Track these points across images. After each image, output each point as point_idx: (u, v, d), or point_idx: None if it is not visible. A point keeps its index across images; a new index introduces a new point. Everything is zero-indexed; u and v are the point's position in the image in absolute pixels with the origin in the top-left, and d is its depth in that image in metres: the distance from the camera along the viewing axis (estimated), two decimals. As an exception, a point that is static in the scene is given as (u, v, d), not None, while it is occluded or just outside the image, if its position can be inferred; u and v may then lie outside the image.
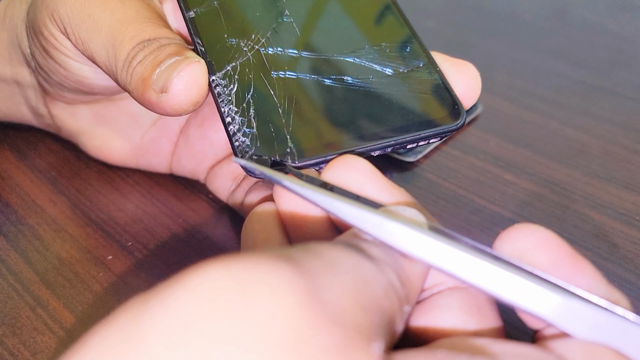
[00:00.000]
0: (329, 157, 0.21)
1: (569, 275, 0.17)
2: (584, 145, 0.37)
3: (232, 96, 0.23)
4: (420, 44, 0.26)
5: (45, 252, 0.28)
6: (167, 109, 0.22)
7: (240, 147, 0.21)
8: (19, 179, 0.32)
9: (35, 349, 0.23)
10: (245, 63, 0.24)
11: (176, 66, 0.22)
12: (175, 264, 0.27)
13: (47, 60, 0.28)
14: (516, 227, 0.18)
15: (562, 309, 0.16)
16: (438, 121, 0.23)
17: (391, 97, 0.24)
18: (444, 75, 0.24)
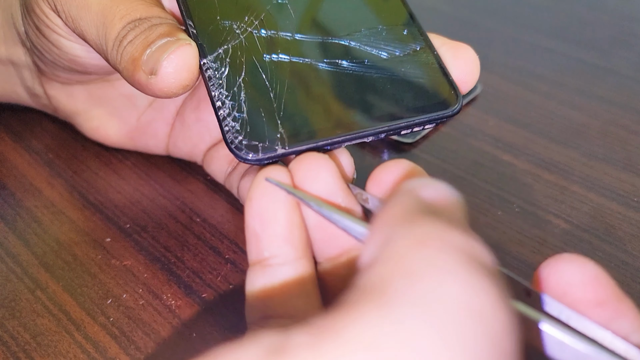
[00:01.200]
0: (320, 143, 0.21)
1: (612, 315, 0.17)
2: (583, 125, 0.37)
3: (223, 80, 0.22)
4: (418, 27, 0.25)
5: (43, 235, 0.28)
6: (157, 91, 0.22)
7: (229, 132, 0.21)
8: (16, 161, 0.32)
9: (35, 332, 0.23)
10: (237, 46, 0.23)
11: (167, 48, 0.22)
12: (173, 246, 0.27)
13: (40, 38, 0.27)
14: (565, 258, 0.17)
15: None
16: (434, 107, 0.23)
17: (386, 81, 0.23)
18: (441, 59, 0.24)
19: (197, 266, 0.26)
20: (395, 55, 0.24)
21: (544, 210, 0.30)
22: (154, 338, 0.23)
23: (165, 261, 0.27)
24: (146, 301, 0.25)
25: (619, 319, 0.17)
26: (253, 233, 0.20)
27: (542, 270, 0.18)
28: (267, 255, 0.20)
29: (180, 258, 0.27)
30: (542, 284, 0.18)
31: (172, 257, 0.27)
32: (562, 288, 0.17)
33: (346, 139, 0.22)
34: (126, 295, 0.25)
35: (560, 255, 0.18)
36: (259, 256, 0.20)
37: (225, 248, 0.27)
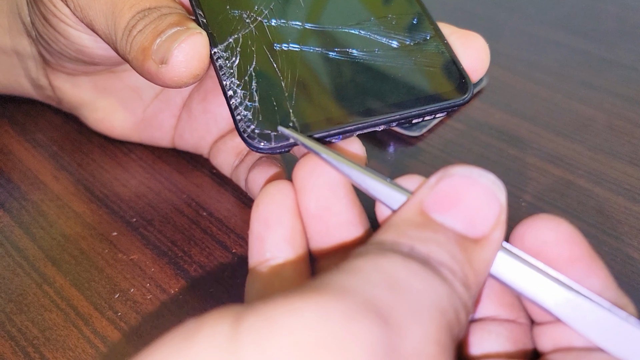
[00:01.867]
0: (333, 132, 0.21)
1: (584, 273, 0.17)
2: (589, 119, 0.36)
3: (234, 69, 0.22)
4: (428, 16, 0.25)
5: (49, 229, 0.28)
6: (167, 80, 0.22)
7: (242, 120, 0.21)
8: (21, 155, 0.32)
9: (43, 326, 0.23)
10: (247, 35, 0.23)
11: (177, 37, 0.22)
12: (180, 241, 0.27)
13: (47, 28, 0.27)
14: (541, 218, 0.18)
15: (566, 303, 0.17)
16: (444, 95, 0.23)
17: (397, 70, 0.23)
18: (451, 47, 0.24)
19: (204, 260, 0.26)
20: (406, 44, 0.24)
21: (550, 205, 0.30)
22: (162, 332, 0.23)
23: (173, 255, 0.27)
24: (154, 295, 0.25)
25: (591, 277, 0.17)
26: (257, 236, 0.20)
27: (517, 230, 0.18)
28: (269, 257, 0.20)
29: (187, 252, 0.27)
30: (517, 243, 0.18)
31: (179, 252, 0.27)
32: (537, 246, 0.17)
33: (358, 127, 0.22)
34: (134, 290, 0.25)
35: (536, 216, 0.18)
36: (261, 257, 0.20)
37: (232, 242, 0.27)
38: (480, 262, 0.17)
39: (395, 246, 0.16)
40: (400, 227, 0.17)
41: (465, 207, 0.17)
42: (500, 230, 0.17)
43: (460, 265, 0.16)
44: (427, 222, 0.17)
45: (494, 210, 0.17)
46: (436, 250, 0.16)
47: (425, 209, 0.17)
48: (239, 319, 0.13)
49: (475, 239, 0.17)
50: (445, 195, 0.17)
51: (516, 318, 0.19)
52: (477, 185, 0.17)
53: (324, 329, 0.13)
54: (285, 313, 0.13)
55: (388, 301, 0.14)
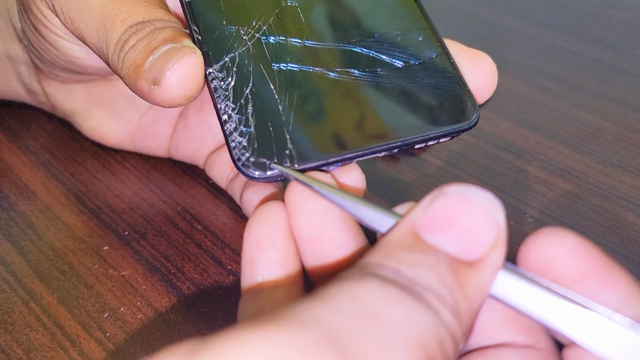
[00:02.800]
0: (331, 160, 0.20)
1: (602, 287, 0.16)
2: (598, 130, 0.35)
3: (230, 91, 0.21)
4: (434, 32, 0.24)
5: (38, 242, 0.27)
6: (159, 101, 0.21)
7: (236, 148, 0.20)
8: (11, 162, 0.31)
9: (28, 347, 0.23)
10: (244, 53, 0.22)
11: (170, 56, 0.21)
12: (173, 256, 0.26)
13: (38, 38, 0.26)
14: (545, 233, 0.16)
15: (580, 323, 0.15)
16: (449, 120, 0.21)
17: (400, 92, 0.22)
18: (457, 67, 0.23)
19: (198, 278, 0.25)
20: (410, 63, 0.23)
21: (558, 221, 0.29)
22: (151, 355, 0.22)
23: (165, 272, 0.26)
24: (144, 315, 0.24)
25: (608, 291, 0.16)
26: (249, 259, 0.19)
27: (523, 248, 0.17)
28: (261, 280, 0.19)
29: (180, 268, 0.26)
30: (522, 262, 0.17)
31: (172, 268, 0.26)
32: (541, 265, 0.16)
33: (357, 155, 0.21)
34: (124, 309, 0.24)
35: (538, 231, 0.17)
36: (253, 280, 0.19)
37: (227, 258, 0.26)
38: (474, 287, 0.16)
39: (378, 269, 0.15)
40: (388, 248, 0.16)
41: (460, 227, 0.16)
42: (498, 253, 0.16)
43: (450, 291, 0.15)
44: (418, 243, 0.16)
45: (490, 232, 0.16)
46: (424, 274, 0.15)
47: (417, 230, 0.16)
48: (191, 355, 0.13)
49: (469, 262, 0.16)
50: (438, 216, 0.16)
51: (535, 343, 0.18)
52: (472, 205, 0.16)
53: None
54: (235, 348, 0.13)
55: (353, 333, 0.13)
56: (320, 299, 0.14)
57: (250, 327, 0.13)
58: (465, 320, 0.15)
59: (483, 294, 0.16)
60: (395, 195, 0.31)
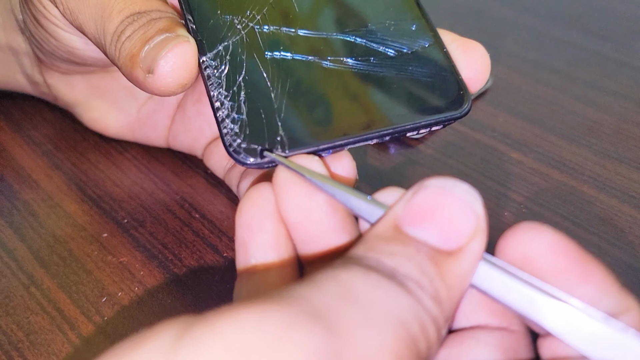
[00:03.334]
0: (322, 147, 0.20)
1: (578, 281, 0.16)
2: (595, 122, 0.35)
3: (223, 79, 0.21)
4: (428, 22, 0.24)
5: (39, 229, 0.27)
6: (154, 90, 0.22)
7: (228, 134, 0.20)
8: (14, 152, 0.32)
9: (29, 330, 0.23)
10: (238, 42, 0.22)
11: (164, 45, 0.21)
12: (171, 243, 0.27)
13: (38, 29, 0.27)
14: (523, 228, 0.17)
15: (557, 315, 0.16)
16: (441, 108, 0.22)
17: (392, 81, 0.22)
18: (450, 57, 0.23)
19: (194, 264, 0.26)
20: (403, 52, 0.23)
21: (552, 212, 0.30)
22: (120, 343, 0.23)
23: (163, 258, 0.26)
24: (142, 300, 0.24)
25: (585, 286, 0.16)
26: (242, 242, 0.20)
27: (502, 242, 0.17)
28: (254, 263, 0.19)
29: (177, 255, 0.26)
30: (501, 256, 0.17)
31: (169, 255, 0.26)
32: (520, 259, 0.17)
33: (349, 142, 0.21)
34: (121, 294, 0.25)
35: (516, 226, 0.17)
36: (247, 263, 0.20)
37: (223, 246, 0.27)
38: (454, 275, 0.16)
39: (361, 260, 0.16)
40: (371, 241, 0.17)
41: (439, 219, 0.16)
42: (478, 242, 0.17)
43: (430, 279, 0.16)
44: (399, 235, 0.16)
45: (469, 221, 0.16)
46: (403, 263, 0.16)
47: (399, 223, 0.17)
48: (185, 328, 0.13)
49: (449, 252, 0.16)
50: (418, 208, 0.17)
51: (508, 325, 0.18)
52: (451, 196, 0.17)
53: (260, 336, 0.13)
54: (225, 321, 0.13)
55: (337, 310, 0.14)
56: (306, 282, 0.15)
57: (241, 305, 0.14)
58: (446, 307, 0.16)
59: (464, 282, 0.16)
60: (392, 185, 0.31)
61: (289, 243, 0.20)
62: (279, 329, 0.13)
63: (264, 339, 0.13)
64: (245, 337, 0.13)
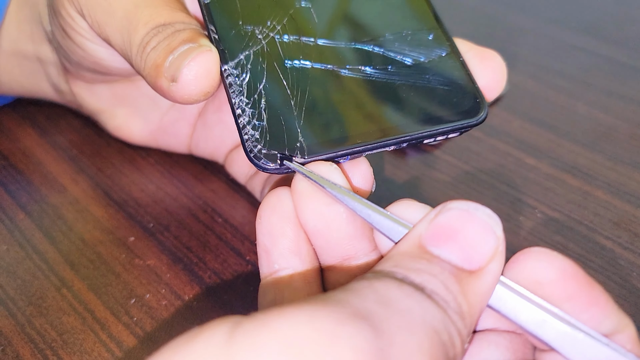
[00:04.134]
0: (340, 153, 0.21)
1: (585, 306, 0.17)
2: (610, 128, 0.36)
3: (244, 87, 0.22)
4: (445, 32, 0.25)
5: (68, 233, 0.28)
6: (178, 98, 0.22)
7: (249, 140, 0.21)
8: (41, 157, 0.33)
9: (61, 329, 0.24)
10: (259, 51, 0.23)
11: (187, 54, 0.22)
12: (195, 247, 0.28)
13: (66, 39, 0.28)
14: (534, 254, 0.18)
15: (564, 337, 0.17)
16: (458, 115, 0.22)
17: (410, 89, 0.23)
18: (467, 65, 0.24)
19: (218, 267, 0.27)
20: (420, 61, 0.24)
21: (567, 217, 0.30)
22: (176, 339, 0.24)
23: (188, 262, 0.27)
24: (169, 301, 0.25)
25: (591, 310, 0.17)
26: (264, 248, 0.20)
27: (511, 265, 0.18)
28: (277, 268, 0.20)
29: (202, 259, 0.27)
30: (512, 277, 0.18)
31: (194, 258, 0.27)
32: (531, 285, 0.18)
33: (366, 148, 0.21)
34: (149, 296, 0.25)
35: (527, 251, 0.18)
36: (270, 269, 0.20)
37: (246, 250, 0.28)
38: (475, 294, 0.17)
39: (390, 274, 0.17)
40: (397, 258, 0.17)
41: (462, 239, 0.17)
42: (497, 263, 0.17)
43: (454, 296, 0.16)
44: (423, 254, 0.17)
45: (490, 243, 0.17)
46: (429, 279, 0.16)
47: (423, 242, 0.18)
48: (236, 324, 0.14)
49: (471, 271, 0.17)
50: (442, 229, 0.18)
51: (516, 329, 0.19)
52: (473, 219, 0.18)
53: (312, 331, 0.14)
54: (277, 318, 0.14)
55: (380, 314, 0.15)
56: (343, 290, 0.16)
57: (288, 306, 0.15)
58: (468, 323, 0.17)
59: (483, 300, 0.17)
60: (409, 190, 0.32)
61: (310, 247, 0.21)
62: (330, 326, 0.14)
63: (316, 333, 0.14)
64: (298, 331, 0.14)
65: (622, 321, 0.17)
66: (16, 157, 0.32)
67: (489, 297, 0.17)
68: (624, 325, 0.17)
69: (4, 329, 0.24)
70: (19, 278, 0.26)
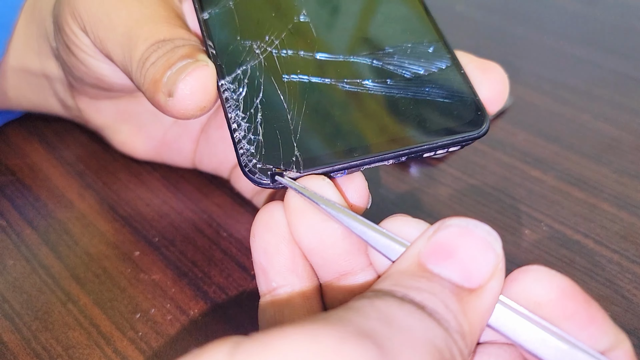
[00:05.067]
0: (337, 167, 0.21)
1: (584, 324, 0.17)
2: (615, 140, 0.36)
3: (240, 101, 0.22)
4: (445, 44, 0.24)
5: (74, 247, 0.28)
6: (175, 113, 0.22)
7: (244, 154, 0.21)
8: (49, 172, 0.33)
9: (67, 344, 0.24)
10: (256, 66, 0.23)
11: (184, 70, 0.22)
12: (200, 261, 0.28)
13: (69, 56, 0.28)
14: (533, 272, 0.18)
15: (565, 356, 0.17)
16: (459, 128, 0.22)
17: (409, 102, 0.23)
18: (468, 78, 0.23)
19: (223, 282, 0.27)
20: (420, 74, 0.24)
21: (573, 230, 0.30)
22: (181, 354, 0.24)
23: (193, 276, 0.27)
24: (174, 316, 0.25)
25: (589, 327, 0.17)
26: (260, 267, 0.20)
27: (510, 284, 0.18)
28: (275, 286, 0.20)
29: (207, 273, 0.27)
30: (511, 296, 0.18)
31: (199, 272, 0.27)
32: (531, 305, 0.17)
33: (364, 162, 0.21)
34: (154, 310, 0.25)
35: (526, 269, 0.18)
36: (268, 287, 0.20)
37: (251, 264, 0.28)
38: (475, 312, 0.17)
39: (390, 293, 0.16)
40: (396, 277, 0.17)
41: (461, 257, 0.17)
42: (497, 281, 0.17)
43: (454, 315, 0.16)
44: (423, 272, 0.17)
45: (490, 261, 0.17)
46: (429, 298, 0.16)
47: (422, 260, 0.17)
48: (237, 345, 0.14)
49: (471, 289, 0.17)
50: (441, 246, 0.17)
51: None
52: (473, 236, 0.17)
53: (317, 349, 0.14)
54: (279, 337, 0.14)
55: (383, 332, 0.15)
56: (345, 309, 0.16)
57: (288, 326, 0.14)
58: (469, 341, 0.17)
59: (484, 319, 0.17)
60: (413, 203, 0.32)
61: (307, 264, 0.21)
62: (334, 344, 0.14)
63: (320, 353, 0.13)
64: (300, 351, 0.13)
65: (618, 337, 0.17)
66: (24, 173, 0.33)
67: (490, 315, 0.17)
68: (620, 341, 0.17)
69: (10, 343, 0.24)
70: (25, 293, 0.26)
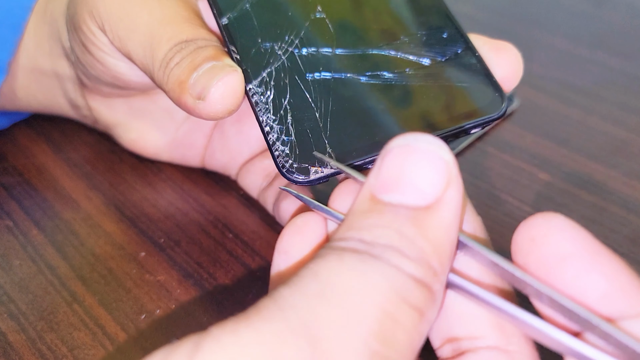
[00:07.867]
0: (369, 159, 0.21)
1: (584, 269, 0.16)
2: (624, 142, 0.35)
3: (269, 104, 0.23)
4: (459, 29, 0.25)
5: (80, 248, 0.28)
6: (203, 115, 0.23)
7: (280, 156, 0.22)
8: (55, 173, 0.33)
9: (72, 345, 0.24)
10: (280, 67, 0.24)
11: (214, 74, 0.22)
12: (205, 262, 0.28)
13: (86, 55, 0.28)
14: (535, 216, 0.17)
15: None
16: (479, 111, 0.22)
17: (430, 89, 0.23)
18: (483, 60, 0.24)
19: (228, 283, 0.27)
20: (437, 60, 0.24)
21: (582, 232, 0.30)
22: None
23: (198, 277, 0.27)
24: (179, 317, 0.25)
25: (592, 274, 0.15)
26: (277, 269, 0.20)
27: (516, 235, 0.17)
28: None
29: (212, 274, 0.27)
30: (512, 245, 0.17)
31: (204, 273, 0.27)
32: (526, 245, 0.16)
33: None
34: (159, 311, 0.25)
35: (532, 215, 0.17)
36: None
37: (256, 265, 0.28)
38: (437, 228, 0.16)
39: (340, 243, 0.16)
40: (349, 219, 0.17)
41: (409, 177, 0.16)
42: (454, 189, 0.16)
43: (411, 241, 0.15)
44: (375, 206, 0.16)
45: (440, 171, 0.16)
46: (381, 234, 0.16)
47: (373, 192, 0.17)
48: (196, 347, 0.14)
49: (427, 207, 0.16)
50: (388, 173, 0.17)
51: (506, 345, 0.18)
52: (415, 152, 0.16)
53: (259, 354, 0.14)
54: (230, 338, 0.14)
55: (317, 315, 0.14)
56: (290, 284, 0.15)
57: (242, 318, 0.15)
58: (435, 262, 0.16)
59: (449, 233, 0.16)
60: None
61: None
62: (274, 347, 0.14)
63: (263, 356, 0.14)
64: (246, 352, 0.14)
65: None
66: (31, 173, 0.33)
67: (455, 227, 0.16)
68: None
69: (16, 344, 0.24)
70: (30, 293, 0.26)
